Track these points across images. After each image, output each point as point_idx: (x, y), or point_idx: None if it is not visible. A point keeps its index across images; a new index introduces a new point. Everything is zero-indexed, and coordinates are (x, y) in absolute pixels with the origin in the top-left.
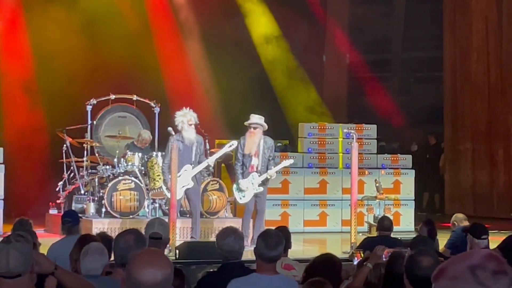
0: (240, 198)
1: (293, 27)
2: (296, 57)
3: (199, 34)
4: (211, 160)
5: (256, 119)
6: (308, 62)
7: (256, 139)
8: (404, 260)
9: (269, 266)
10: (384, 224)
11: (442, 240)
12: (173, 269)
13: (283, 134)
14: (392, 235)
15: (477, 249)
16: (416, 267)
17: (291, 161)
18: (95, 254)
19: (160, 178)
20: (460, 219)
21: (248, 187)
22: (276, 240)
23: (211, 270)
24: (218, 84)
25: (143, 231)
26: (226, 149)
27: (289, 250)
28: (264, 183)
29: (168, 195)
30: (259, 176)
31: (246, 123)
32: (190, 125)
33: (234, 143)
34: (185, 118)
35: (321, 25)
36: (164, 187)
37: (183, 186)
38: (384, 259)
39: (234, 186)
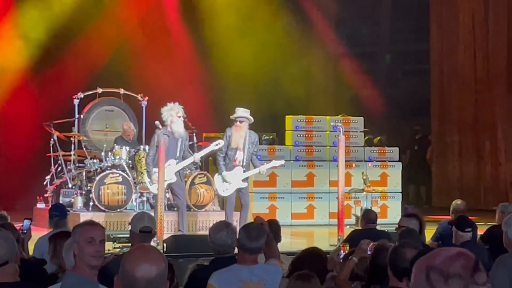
0: (223, 191)
1: (280, 19)
2: (283, 49)
3: (186, 28)
4: (197, 157)
5: (241, 112)
6: (296, 54)
7: (243, 132)
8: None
9: (251, 257)
10: (369, 217)
11: (429, 232)
12: (167, 264)
13: (270, 127)
14: (378, 228)
15: (449, 248)
16: (399, 259)
17: (282, 162)
18: None
19: None
20: (455, 210)
21: (232, 181)
22: (257, 232)
23: (200, 263)
24: (206, 77)
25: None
26: (213, 147)
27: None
28: (247, 178)
29: (150, 187)
30: (243, 171)
31: (232, 117)
32: (179, 117)
33: (221, 142)
34: (173, 111)
35: (309, 17)
36: (147, 180)
37: (165, 181)
38: (369, 253)
39: (218, 177)
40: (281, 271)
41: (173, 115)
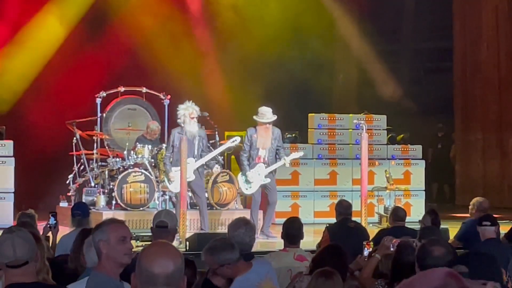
0: (246, 189)
1: (303, 16)
2: (305, 47)
3: (209, 25)
4: (212, 155)
5: (271, 115)
6: (318, 52)
7: (270, 132)
8: (413, 249)
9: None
10: (398, 215)
11: (453, 230)
12: (184, 259)
13: (293, 125)
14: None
15: (438, 269)
16: (428, 256)
17: (301, 153)
18: None
19: None
20: (474, 205)
21: (255, 178)
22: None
23: None
24: (228, 76)
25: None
26: (229, 144)
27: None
28: (272, 173)
29: (169, 186)
30: (266, 167)
31: (260, 120)
32: (192, 118)
33: (237, 139)
34: (187, 112)
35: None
36: (165, 179)
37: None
38: (392, 249)
39: (242, 177)
40: (267, 263)
41: (187, 115)
